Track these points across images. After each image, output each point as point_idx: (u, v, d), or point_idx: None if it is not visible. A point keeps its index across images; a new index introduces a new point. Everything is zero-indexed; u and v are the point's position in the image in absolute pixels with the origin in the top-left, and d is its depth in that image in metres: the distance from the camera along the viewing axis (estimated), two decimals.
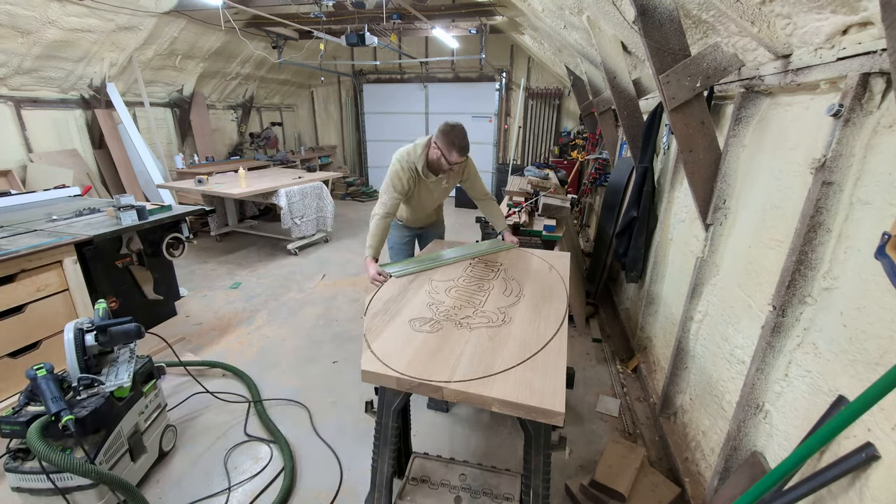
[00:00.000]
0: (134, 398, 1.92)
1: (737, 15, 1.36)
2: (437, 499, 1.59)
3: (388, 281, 1.95)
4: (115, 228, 2.57)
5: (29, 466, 1.61)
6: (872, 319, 1.06)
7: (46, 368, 1.72)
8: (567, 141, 7.10)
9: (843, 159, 1.17)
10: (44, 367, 1.72)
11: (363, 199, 8.45)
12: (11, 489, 1.65)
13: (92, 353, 1.84)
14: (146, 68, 5.32)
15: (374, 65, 8.22)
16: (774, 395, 1.41)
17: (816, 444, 1.06)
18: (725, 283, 1.85)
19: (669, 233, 2.64)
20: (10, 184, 4.16)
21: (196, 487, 1.96)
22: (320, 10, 4.42)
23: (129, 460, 1.88)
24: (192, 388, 2.59)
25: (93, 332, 1.82)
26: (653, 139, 2.84)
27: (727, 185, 1.86)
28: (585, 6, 2.56)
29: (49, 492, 1.62)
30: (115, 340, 1.87)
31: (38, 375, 1.68)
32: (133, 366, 1.92)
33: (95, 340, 1.81)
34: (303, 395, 2.60)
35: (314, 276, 4.47)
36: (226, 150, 7.46)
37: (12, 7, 3.60)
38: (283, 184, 4.89)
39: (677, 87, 1.71)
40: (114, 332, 1.85)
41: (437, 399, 1.43)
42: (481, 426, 2.36)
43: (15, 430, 1.61)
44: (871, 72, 1.07)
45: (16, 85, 4.30)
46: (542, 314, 1.59)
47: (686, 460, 1.97)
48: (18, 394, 2.20)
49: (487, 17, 5.31)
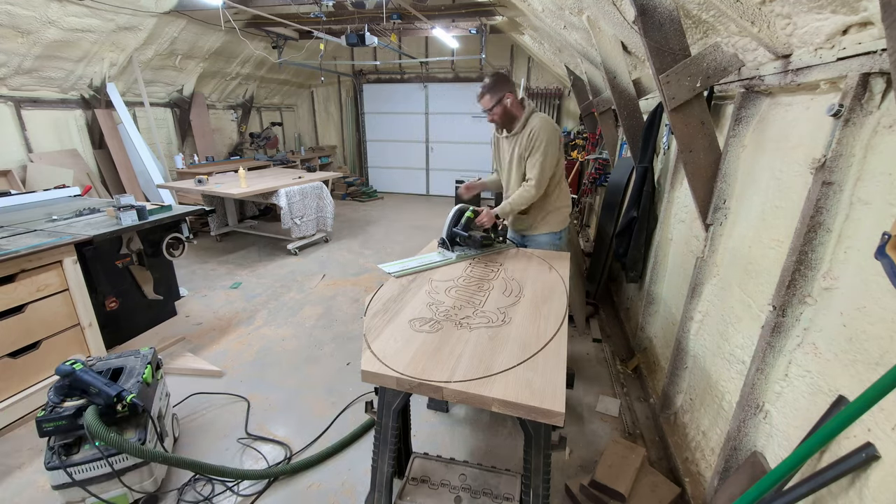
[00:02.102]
0: (155, 384, 1.99)
1: (737, 15, 1.36)
2: (437, 499, 1.59)
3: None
4: (115, 228, 2.57)
5: (80, 457, 1.66)
6: (872, 319, 1.06)
7: (80, 362, 1.77)
8: (567, 141, 7.09)
9: (843, 159, 1.17)
10: (77, 360, 1.76)
11: (363, 199, 8.45)
12: (53, 488, 1.68)
13: None
14: (146, 68, 5.32)
15: (374, 65, 8.22)
16: (774, 395, 1.41)
17: (816, 444, 1.06)
18: (725, 283, 1.85)
19: (669, 233, 2.64)
20: (10, 184, 4.16)
21: (197, 486, 1.96)
22: (320, 10, 4.42)
23: (160, 442, 1.93)
24: (192, 387, 2.59)
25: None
26: (653, 139, 2.84)
27: (727, 185, 1.86)
28: (585, 6, 2.56)
29: (103, 477, 1.69)
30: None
31: (77, 369, 1.72)
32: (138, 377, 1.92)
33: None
34: (303, 395, 2.60)
35: (314, 276, 4.47)
36: (226, 150, 7.46)
37: (12, 7, 3.60)
38: (283, 184, 4.89)
39: (677, 87, 1.71)
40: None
41: (437, 399, 1.44)
42: (481, 426, 2.36)
43: (60, 425, 1.66)
44: (871, 72, 1.07)
45: (16, 85, 4.30)
46: (542, 314, 1.59)
47: (686, 460, 1.97)
48: (16, 394, 2.21)
49: (487, 17, 5.31)
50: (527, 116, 2.26)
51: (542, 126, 2.20)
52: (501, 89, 2.20)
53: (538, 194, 2.28)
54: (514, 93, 2.24)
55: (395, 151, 9.02)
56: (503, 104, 2.22)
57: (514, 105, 2.26)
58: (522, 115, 2.27)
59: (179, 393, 2.54)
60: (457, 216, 2.22)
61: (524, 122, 2.26)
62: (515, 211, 2.33)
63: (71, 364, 1.73)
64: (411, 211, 7.63)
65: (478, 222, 2.24)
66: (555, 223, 2.49)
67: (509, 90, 2.21)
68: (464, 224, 2.21)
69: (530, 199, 2.28)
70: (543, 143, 2.19)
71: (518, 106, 2.28)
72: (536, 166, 2.23)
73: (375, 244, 5.60)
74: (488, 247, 2.28)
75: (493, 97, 2.20)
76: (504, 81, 2.22)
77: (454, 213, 2.22)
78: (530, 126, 2.23)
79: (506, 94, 2.20)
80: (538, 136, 2.19)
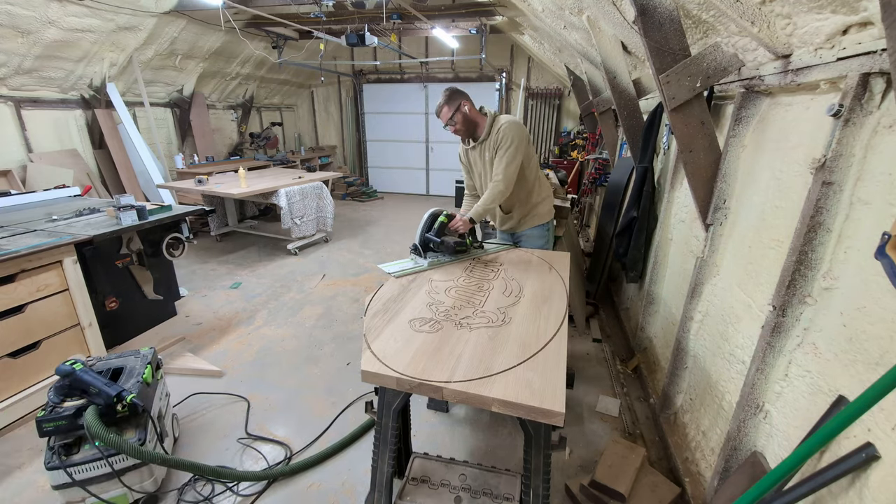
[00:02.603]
0: (155, 385, 1.99)
1: (737, 15, 1.36)
2: (437, 499, 1.59)
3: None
4: (115, 228, 2.57)
5: (80, 457, 1.66)
6: (872, 319, 1.06)
7: (80, 362, 1.77)
8: (567, 141, 7.09)
9: (843, 159, 1.17)
10: (77, 360, 1.76)
11: (363, 199, 8.45)
12: (53, 488, 1.68)
13: None
14: (146, 68, 5.32)
15: (374, 65, 8.22)
16: (774, 395, 1.41)
17: (816, 444, 1.05)
18: (725, 283, 1.85)
19: (669, 233, 2.64)
20: (10, 184, 4.16)
21: (197, 486, 1.96)
22: (320, 10, 4.42)
23: (159, 442, 1.93)
24: (192, 387, 2.59)
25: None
26: (653, 139, 2.84)
27: (727, 185, 1.86)
28: (585, 6, 2.56)
29: (103, 477, 1.68)
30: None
31: (77, 369, 1.72)
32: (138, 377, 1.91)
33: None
34: (303, 395, 2.60)
35: (314, 276, 4.47)
36: (226, 150, 7.46)
37: (12, 7, 3.60)
38: (283, 184, 4.89)
39: (677, 87, 1.71)
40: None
41: (437, 399, 1.44)
42: (481, 426, 2.36)
43: (60, 425, 1.66)
44: (871, 72, 1.07)
45: (16, 85, 4.30)
46: (542, 314, 1.59)
47: (686, 460, 1.97)
48: (16, 394, 2.21)
49: (487, 17, 5.31)
50: (490, 121, 2.28)
51: (509, 125, 2.22)
52: (457, 99, 2.23)
53: (507, 190, 2.25)
54: (470, 101, 2.28)
55: (394, 151, 9.02)
56: (461, 112, 2.24)
57: (473, 112, 2.29)
58: (486, 121, 2.29)
59: (179, 393, 2.54)
60: (429, 221, 2.17)
61: (489, 127, 2.27)
62: (489, 210, 2.29)
63: (71, 364, 1.74)
64: (411, 211, 7.63)
65: (451, 227, 2.19)
66: (541, 215, 2.52)
67: (464, 99, 2.25)
68: (437, 229, 2.15)
69: (499, 194, 2.23)
70: (510, 140, 2.20)
71: (477, 112, 2.31)
72: (503, 161, 2.22)
73: (375, 244, 5.60)
74: (462, 252, 2.22)
75: (451, 107, 2.23)
76: (458, 92, 2.26)
77: (427, 218, 2.18)
78: (497, 126, 2.25)
79: (462, 103, 2.23)
80: (506, 134, 2.21)
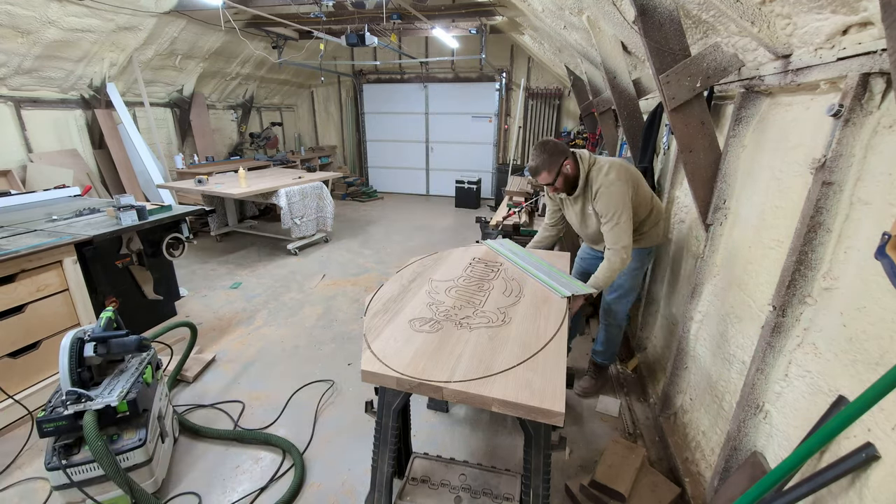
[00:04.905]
0: (155, 385, 2.00)
1: (737, 15, 1.36)
2: (437, 499, 1.59)
3: None
4: (115, 228, 2.57)
5: (81, 458, 1.67)
6: (872, 319, 1.06)
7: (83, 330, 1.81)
8: (567, 141, 7.09)
9: (843, 159, 1.17)
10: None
11: (363, 199, 8.45)
12: (53, 489, 1.69)
13: (93, 363, 1.80)
14: (146, 68, 5.32)
15: (374, 65, 8.22)
16: (774, 395, 1.41)
17: (816, 444, 1.06)
18: (725, 283, 1.85)
19: (669, 233, 2.64)
20: (10, 184, 4.15)
21: (197, 486, 1.96)
22: (320, 10, 4.42)
23: (161, 442, 1.94)
24: (192, 387, 2.59)
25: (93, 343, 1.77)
26: (653, 139, 2.84)
27: (727, 185, 1.86)
28: (585, 6, 2.56)
29: (104, 478, 1.69)
30: (113, 353, 1.83)
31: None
32: (137, 377, 1.89)
33: (94, 351, 1.76)
34: (302, 395, 2.60)
35: (314, 276, 4.47)
36: (226, 150, 7.46)
37: (12, 7, 3.60)
38: (283, 184, 4.89)
39: (677, 87, 1.71)
40: (113, 343, 1.81)
41: (437, 399, 1.44)
42: (481, 426, 2.36)
43: (60, 425, 1.66)
44: (871, 72, 1.07)
45: (16, 85, 4.30)
46: (542, 314, 1.59)
47: (686, 460, 1.97)
48: (16, 394, 2.21)
49: (487, 17, 5.31)
50: (586, 172, 2.05)
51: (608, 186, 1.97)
52: (557, 160, 1.98)
53: (628, 258, 2.00)
54: (572, 157, 2.03)
55: (395, 151, 9.02)
56: (563, 174, 2.02)
57: (574, 169, 2.05)
58: (581, 174, 2.06)
59: (180, 393, 2.54)
60: None
61: (585, 180, 2.06)
62: (610, 282, 2.03)
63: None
64: (411, 211, 7.63)
65: (573, 310, 1.94)
66: (646, 241, 2.29)
67: (566, 158, 2.00)
68: None
69: (619, 262, 1.97)
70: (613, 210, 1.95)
71: (575, 166, 2.06)
72: (613, 232, 1.97)
73: (375, 244, 5.60)
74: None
75: (552, 172, 1.99)
76: (558, 151, 1.99)
77: None
78: (595, 182, 2.02)
79: (564, 163, 2.00)
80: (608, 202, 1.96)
